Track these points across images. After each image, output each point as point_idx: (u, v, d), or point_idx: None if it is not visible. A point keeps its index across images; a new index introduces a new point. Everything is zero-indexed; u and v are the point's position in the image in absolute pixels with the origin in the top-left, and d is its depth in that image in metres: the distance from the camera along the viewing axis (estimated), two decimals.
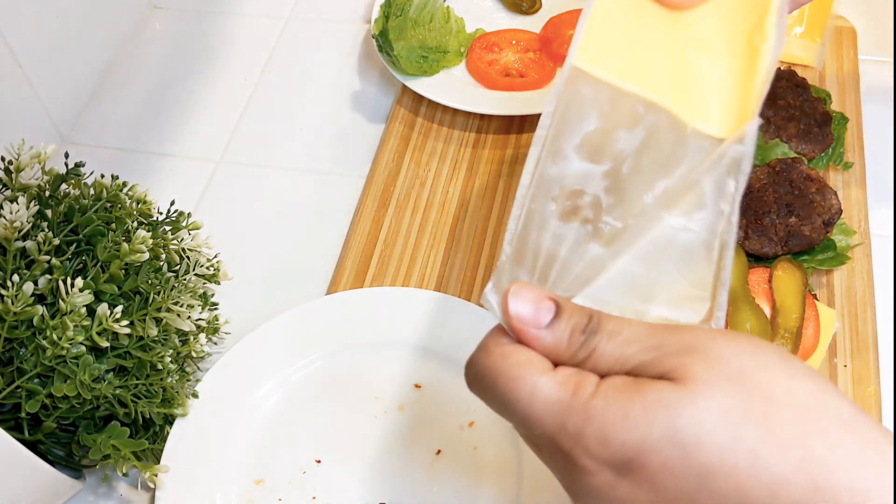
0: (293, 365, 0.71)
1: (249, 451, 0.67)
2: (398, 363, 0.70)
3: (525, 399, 0.37)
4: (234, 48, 0.99)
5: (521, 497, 0.63)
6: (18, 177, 0.66)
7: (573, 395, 0.37)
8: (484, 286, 0.75)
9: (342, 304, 0.73)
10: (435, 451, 0.66)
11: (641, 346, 0.37)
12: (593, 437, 0.36)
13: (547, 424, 0.37)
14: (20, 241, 0.62)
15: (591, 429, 0.36)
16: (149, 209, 0.70)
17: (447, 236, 0.79)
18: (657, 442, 0.35)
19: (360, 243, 0.79)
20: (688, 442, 0.34)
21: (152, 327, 0.63)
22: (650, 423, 0.35)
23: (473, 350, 0.41)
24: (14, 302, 0.58)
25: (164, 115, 0.93)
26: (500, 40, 0.92)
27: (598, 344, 0.38)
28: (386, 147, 0.86)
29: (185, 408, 0.66)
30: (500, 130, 0.87)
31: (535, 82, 0.88)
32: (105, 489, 0.68)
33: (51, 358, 0.58)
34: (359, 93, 0.93)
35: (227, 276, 0.73)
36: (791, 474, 0.34)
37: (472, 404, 0.68)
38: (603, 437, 0.36)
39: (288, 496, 0.65)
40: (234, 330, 0.73)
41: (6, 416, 0.61)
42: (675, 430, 0.34)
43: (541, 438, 0.38)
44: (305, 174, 0.87)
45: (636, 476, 0.36)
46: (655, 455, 0.35)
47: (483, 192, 0.82)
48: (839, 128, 0.79)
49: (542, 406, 0.37)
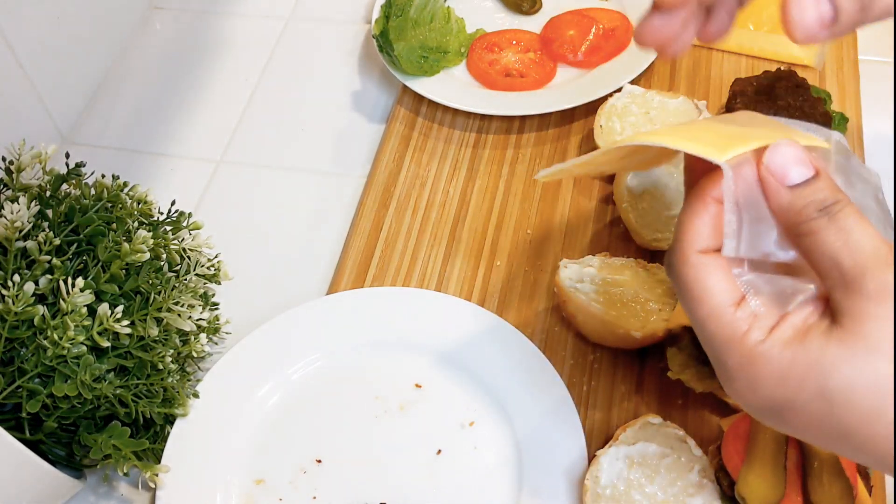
0: (294, 365, 0.71)
1: (250, 451, 0.67)
2: (398, 363, 0.70)
3: (701, 317, 0.41)
4: (234, 48, 0.99)
5: (521, 497, 0.63)
6: (19, 177, 0.66)
7: (743, 335, 0.39)
8: (484, 286, 0.76)
9: (342, 304, 0.73)
10: (435, 451, 0.66)
11: (853, 262, 0.38)
12: (744, 381, 0.39)
13: (711, 343, 0.41)
14: (21, 241, 0.62)
15: (744, 374, 0.39)
16: (149, 209, 0.70)
17: (447, 236, 0.79)
18: (805, 404, 0.37)
19: (360, 243, 0.79)
20: (837, 400, 0.37)
21: (153, 327, 0.63)
22: (802, 385, 0.37)
23: (674, 237, 0.43)
24: (15, 302, 0.58)
25: (165, 115, 0.94)
26: (500, 40, 0.92)
27: (822, 232, 0.39)
28: (386, 147, 0.86)
29: (185, 408, 0.66)
30: (501, 131, 0.87)
31: (535, 82, 0.88)
32: (106, 489, 0.68)
33: (52, 358, 0.59)
34: (359, 93, 0.93)
35: (228, 276, 0.73)
36: None
37: (472, 404, 0.68)
38: (753, 385, 0.39)
39: (288, 496, 0.65)
40: (234, 330, 0.73)
41: (7, 416, 0.61)
42: (827, 389, 0.37)
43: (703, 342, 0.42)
44: (306, 174, 0.87)
45: (775, 419, 0.39)
46: (799, 414, 0.38)
47: (483, 192, 0.82)
48: (839, 128, 0.79)
49: (714, 329, 0.40)
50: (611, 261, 0.71)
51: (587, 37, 0.90)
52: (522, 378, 0.67)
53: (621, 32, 0.90)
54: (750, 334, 0.39)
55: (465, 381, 0.69)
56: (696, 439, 0.61)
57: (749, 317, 0.40)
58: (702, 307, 0.41)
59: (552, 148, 0.85)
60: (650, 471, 0.60)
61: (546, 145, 0.85)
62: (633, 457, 0.60)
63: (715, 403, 0.66)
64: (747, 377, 0.39)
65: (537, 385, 0.67)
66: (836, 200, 0.39)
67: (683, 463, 0.60)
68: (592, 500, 0.59)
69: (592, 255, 0.72)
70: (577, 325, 0.69)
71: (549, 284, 0.75)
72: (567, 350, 0.71)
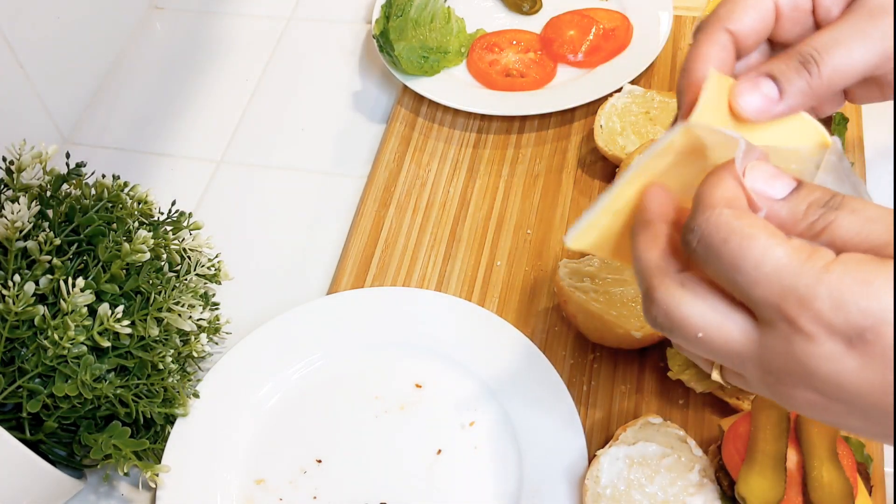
0: (294, 365, 0.71)
1: (250, 451, 0.67)
2: (398, 363, 0.70)
3: (755, 259, 0.36)
4: (235, 48, 1.00)
5: (521, 497, 0.63)
6: (20, 177, 0.66)
7: (807, 260, 0.35)
8: (484, 286, 0.76)
9: (343, 304, 0.73)
10: (435, 451, 0.66)
11: (886, 225, 0.36)
12: (828, 301, 0.34)
13: (773, 287, 0.35)
14: (21, 241, 0.62)
15: (825, 291, 0.34)
16: (150, 209, 0.70)
17: (448, 236, 0.79)
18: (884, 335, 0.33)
19: (360, 243, 0.79)
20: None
21: (153, 327, 0.63)
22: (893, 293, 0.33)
23: (694, 208, 0.39)
24: (15, 302, 0.58)
25: (166, 115, 0.94)
26: (500, 41, 0.92)
27: (838, 218, 0.37)
28: (387, 147, 0.86)
29: (186, 407, 0.67)
30: (501, 131, 0.87)
31: (535, 82, 0.88)
32: (106, 489, 0.68)
33: (52, 358, 0.59)
34: (359, 93, 0.93)
35: (228, 276, 0.73)
36: None
37: (472, 404, 0.68)
38: (839, 300, 0.34)
39: (288, 496, 0.65)
40: (234, 330, 0.73)
41: (8, 416, 0.61)
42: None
43: (761, 304, 0.36)
44: (306, 174, 0.87)
45: (869, 349, 0.34)
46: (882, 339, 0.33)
47: (484, 192, 0.82)
48: (839, 128, 0.79)
49: (772, 268, 0.35)
50: (611, 261, 0.71)
51: (587, 37, 0.90)
52: (522, 378, 0.67)
53: (621, 32, 0.90)
54: (813, 258, 0.35)
55: (465, 381, 0.69)
56: (697, 439, 0.61)
57: (803, 247, 0.36)
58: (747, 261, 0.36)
59: (552, 148, 0.85)
60: (650, 471, 0.60)
61: (546, 145, 0.85)
62: (634, 457, 0.60)
63: (715, 403, 0.66)
64: (829, 294, 0.34)
65: (537, 385, 0.67)
66: (832, 194, 0.38)
67: (684, 463, 0.60)
68: (592, 500, 0.59)
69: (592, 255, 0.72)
70: (577, 325, 0.69)
71: (549, 284, 0.75)
72: (567, 350, 0.71)
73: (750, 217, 0.37)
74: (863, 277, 0.34)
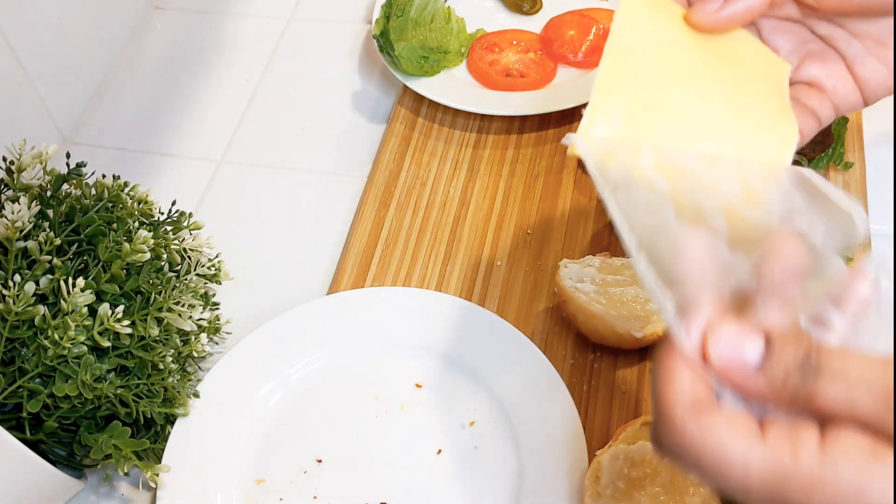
0: (294, 365, 0.71)
1: (250, 451, 0.67)
2: (399, 363, 0.71)
3: (738, 476, 0.34)
4: (235, 48, 1.00)
5: (521, 497, 0.63)
6: (20, 177, 0.66)
7: (793, 460, 0.33)
8: (484, 286, 0.76)
9: (343, 304, 0.73)
10: (435, 451, 0.66)
11: (874, 393, 0.33)
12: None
13: (765, 496, 0.34)
14: (22, 241, 0.62)
15: (819, 498, 0.33)
16: (150, 209, 0.70)
17: (448, 236, 0.79)
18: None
19: (360, 243, 0.79)
20: None
21: (153, 327, 0.63)
22: None
23: (654, 416, 0.37)
24: (16, 302, 0.58)
25: (166, 115, 0.94)
26: (500, 41, 0.92)
27: (820, 385, 0.34)
28: (387, 147, 0.86)
29: (186, 407, 0.67)
30: (501, 131, 0.87)
31: (535, 82, 0.88)
32: (106, 489, 0.68)
33: (52, 358, 0.59)
34: (360, 93, 0.93)
35: (229, 276, 0.73)
36: None
37: (471, 404, 0.68)
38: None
39: (289, 496, 0.65)
40: (235, 330, 0.73)
41: (8, 416, 0.61)
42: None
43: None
44: (306, 174, 0.87)
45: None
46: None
47: (484, 192, 0.82)
48: (839, 128, 0.79)
49: (758, 480, 0.34)
50: (611, 261, 0.71)
51: (587, 37, 0.90)
52: (522, 378, 0.67)
53: None
54: (798, 456, 0.34)
55: (465, 381, 0.69)
56: None
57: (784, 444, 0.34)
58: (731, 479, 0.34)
59: (552, 148, 0.85)
60: (650, 470, 0.60)
61: (546, 145, 0.85)
62: (634, 456, 0.60)
63: None
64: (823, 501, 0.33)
65: (537, 385, 0.67)
66: (805, 350, 0.34)
67: None
68: (592, 500, 0.59)
69: (592, 255, 0.72)
70: (577, 325, 0.69)
71: (549, 284, 0.75)
72: (567, 350, 0.71)
73: (715, 425, 0.35)
74: (855, 485, 0.33)
